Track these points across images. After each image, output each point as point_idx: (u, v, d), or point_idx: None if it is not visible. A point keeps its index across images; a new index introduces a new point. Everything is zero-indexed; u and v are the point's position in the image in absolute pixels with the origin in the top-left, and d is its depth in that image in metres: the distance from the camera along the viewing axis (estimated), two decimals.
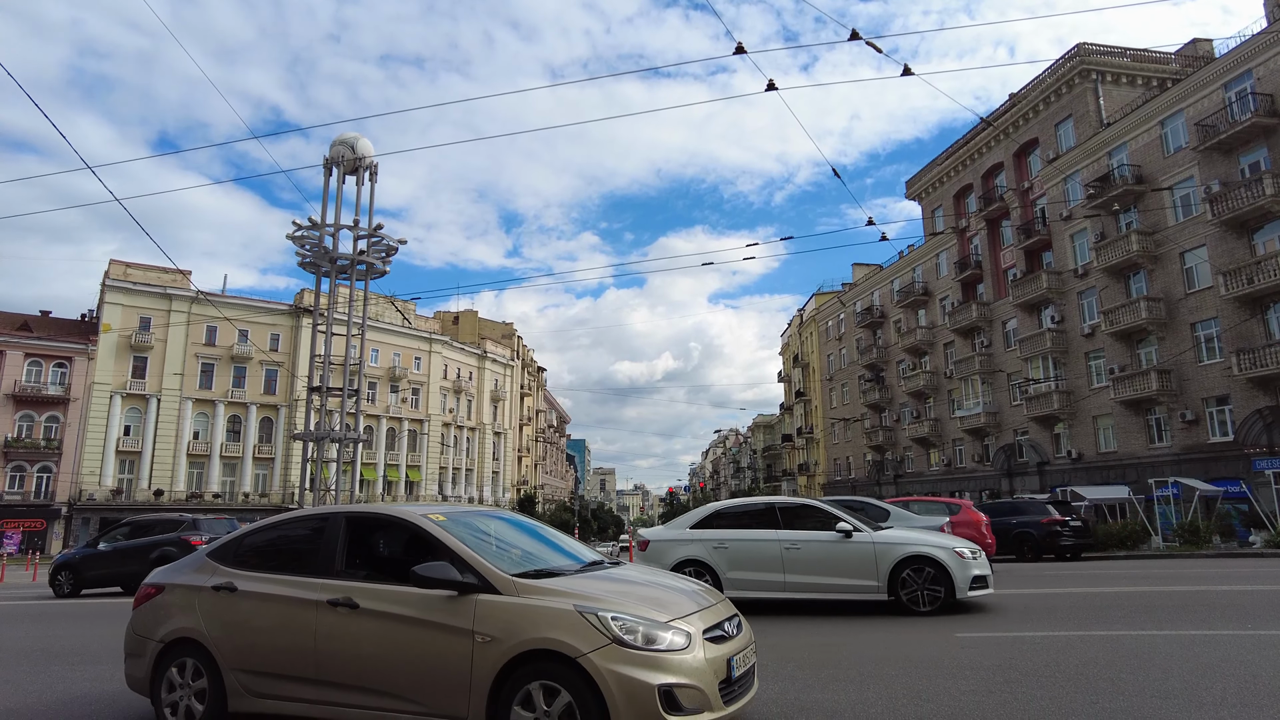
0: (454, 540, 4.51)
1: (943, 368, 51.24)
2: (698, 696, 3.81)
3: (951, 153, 51.38)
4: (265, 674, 4.69)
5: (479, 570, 4.28)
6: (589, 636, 3.84)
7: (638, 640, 3.85)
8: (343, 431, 37.86)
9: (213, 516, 20.57)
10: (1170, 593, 11.48)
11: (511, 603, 4.12)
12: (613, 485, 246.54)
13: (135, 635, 5.23)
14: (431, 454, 70.46)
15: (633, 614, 3.96)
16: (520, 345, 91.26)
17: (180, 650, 4.96)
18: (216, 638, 4.84)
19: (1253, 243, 30.18)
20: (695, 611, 4.22)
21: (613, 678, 3.73)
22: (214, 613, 4.92)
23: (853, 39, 11.56)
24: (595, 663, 3.77)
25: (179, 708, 4.87)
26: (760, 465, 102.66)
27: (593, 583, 4.39)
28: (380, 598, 4.45)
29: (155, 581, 5.40)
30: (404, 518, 4.90)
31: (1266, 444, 28.96)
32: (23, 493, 49.00)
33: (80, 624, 11.73)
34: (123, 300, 53.46)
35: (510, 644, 3.96)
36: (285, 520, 5.43)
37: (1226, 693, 5.18)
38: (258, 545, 5.24)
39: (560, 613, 3.97)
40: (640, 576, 4.91)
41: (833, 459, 68.56)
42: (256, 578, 4.94)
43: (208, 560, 5.22)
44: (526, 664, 3.94)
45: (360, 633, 4.42)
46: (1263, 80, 29.82)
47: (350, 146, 37.93)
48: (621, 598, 4.14)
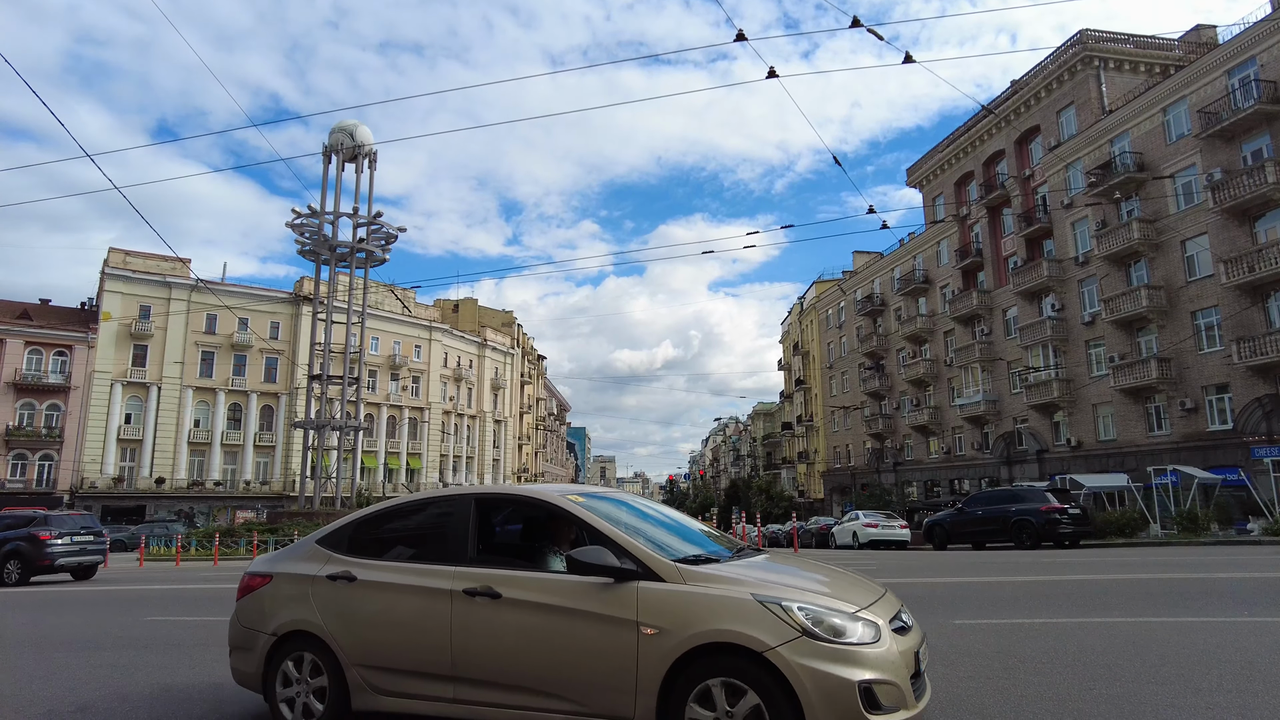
0: (604, 523, 4.13)
1: (943, 356, 51.25)
2: (895, 694, 3.46)
3: (953, 140, 51.16)
4: (392, 670, 4.35)
5: (637, 556, 3.91)
6: (775, 629, 3.48)
7: (828, 633, 3.49)
8: (343, 420, 37.94)
9: (68, 512, 20.65)
10: (1168, 580, 11.53)
11: (680, 591, 3.74)
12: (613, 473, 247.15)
13: (242, 627, 4.91)
14: (432, 442, 70.58)
15: (819, 604, 3.62)
16: (520, 333, 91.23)
17: (295, 644, 4.64)
18: (335, 631, 4.50)
19: (1254, 231, 30.12)
20: (875, 601, 3.91)
21: (807, 674, 3.37)
22: (331, 604, 4.59)
23: (854, 26, 11.49)
24: (786, 658, 3.41)
25: (296, 704, 4.56)
26: (760, 453, 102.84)
27: (757, 570, 4.02)
28: (524, 586, 4.08)
29: (261, 570, 5.07)
30: (543, 499, 4.54)
31: (1266, 432, 29.01)
32: (25, 481, 49.14)
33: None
34: (122, 289, 53.43)
35: (683, 636, 3.59)
36: (405, 504, 5.04)
37: (1223, 678, 5.21)
38: (375, 531, 4.89)
39: (739, 602, 3.61)
40: (796, 564, 4.53)
41: (832, 447, 68.67)
42: (377, 566, 4.60)
43: (318, 547, 4.91)
44: (701, 659, 3.57)
45: (503, 625, 4.06)
46: (1266, 67, 29.65)
47: (349, 134, 37.81)
48: (798, 586, 3.80)
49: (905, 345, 55.69)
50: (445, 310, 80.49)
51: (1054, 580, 12.13)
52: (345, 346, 39.43)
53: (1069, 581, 11.86)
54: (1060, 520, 22.08)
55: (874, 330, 60.17)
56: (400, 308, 63.36)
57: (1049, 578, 12.53)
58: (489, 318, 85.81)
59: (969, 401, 47.06)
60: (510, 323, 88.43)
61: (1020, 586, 11.21)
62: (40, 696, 5.77)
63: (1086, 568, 14.10)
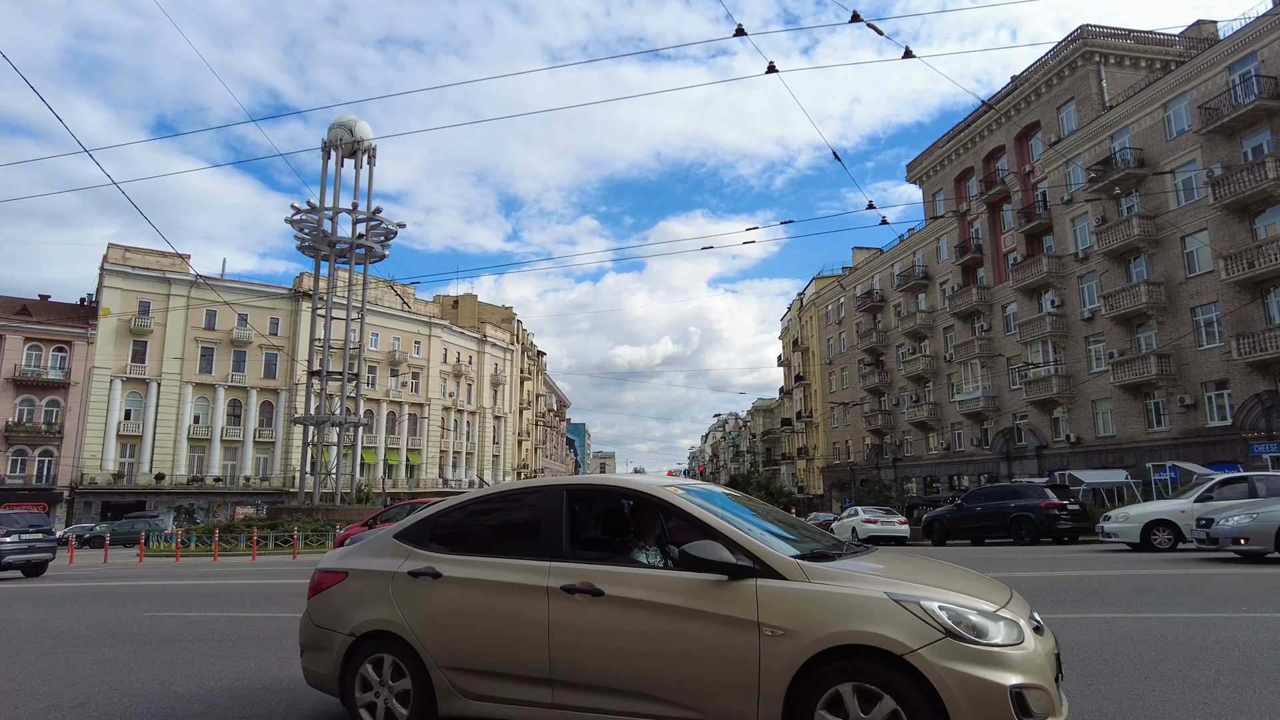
0: (714, 517, 3.88)
1: (942, 352, 51.27)
2: (1044, 699, 3.20)
3: (953, 136, 51.12)
4: (482, 672, 4.11)
5: (753, 552, 3.66)
6: (916, 629, 3.22)
7: (972, 633, 3.23)
8: (343, 416, 37.97)
9: (17, 511, 21.08)
10: (1166, 576, 11.55)
11: (805, 589, 3.49)
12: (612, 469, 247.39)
13: (315, 627, 4.66)
14: (432, 438, 70.64)
15: (960, 603, 3.35)
16: (520, 329, 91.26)
17: (375, 644, 4.40)
18: (419, 631, 4.25)
19: (1254, 227, 30.11)
20: (1010, 599, 3.61)
21: (953, 679, 3.11)
22: (414, 602, 4.34)
23: (854, 21, 11.46)
24: (929, 661, 3.15)
25: (377, 709, 4.30)
26: (759, 449, 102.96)
27: (882, 566, 3.76)
28: (629, 583, 3.83)
29: (334, 567, 4.80)
30: (643, 490, 4.25)
31: (1265, 428, 29.04)
32: (24, 477, 49.18)
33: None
34: (122, 285, 53.42)
35: (811, 638, 3.35)
36: (488, 496, 4.77)
37: (1220, 674, 5.22)
38: (457, 525, 4.66)
39: (874, 601, 3.35)
40: (913, 561, 4.25)
41: (832, 443, 68.73)
42: (463, 561, 4.36)
43: (396, 542, 4.65)
44: (829, 662, 3.33)
45: (607, 624, 3.80)
46: (1267, 63, 29.61)
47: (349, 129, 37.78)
48: (931, 583, 3.52)
49: (905, 341, 55.72)
50: (445, 306, 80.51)
51: (1052, 576, 12.15)
52: (345, 342, 39.42)
53: (1067, 577, 11.88)
54: (1059, 516, 22.09)
55: (874, 326, 60.20)
56: (400, 304, 63.35)
57: (1047, 574, 12.55)
58: (488, 314, 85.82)
59: (968, 398, 47.10)
60: (510, 319, 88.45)
61: (1019, 582, 11.22)
62: (41, 691, 5.78)
63: (1084, 564, 14.12)
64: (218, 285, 55.58)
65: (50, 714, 5.13)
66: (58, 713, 5.14)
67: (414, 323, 69.80)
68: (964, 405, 47.68)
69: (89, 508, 50.02)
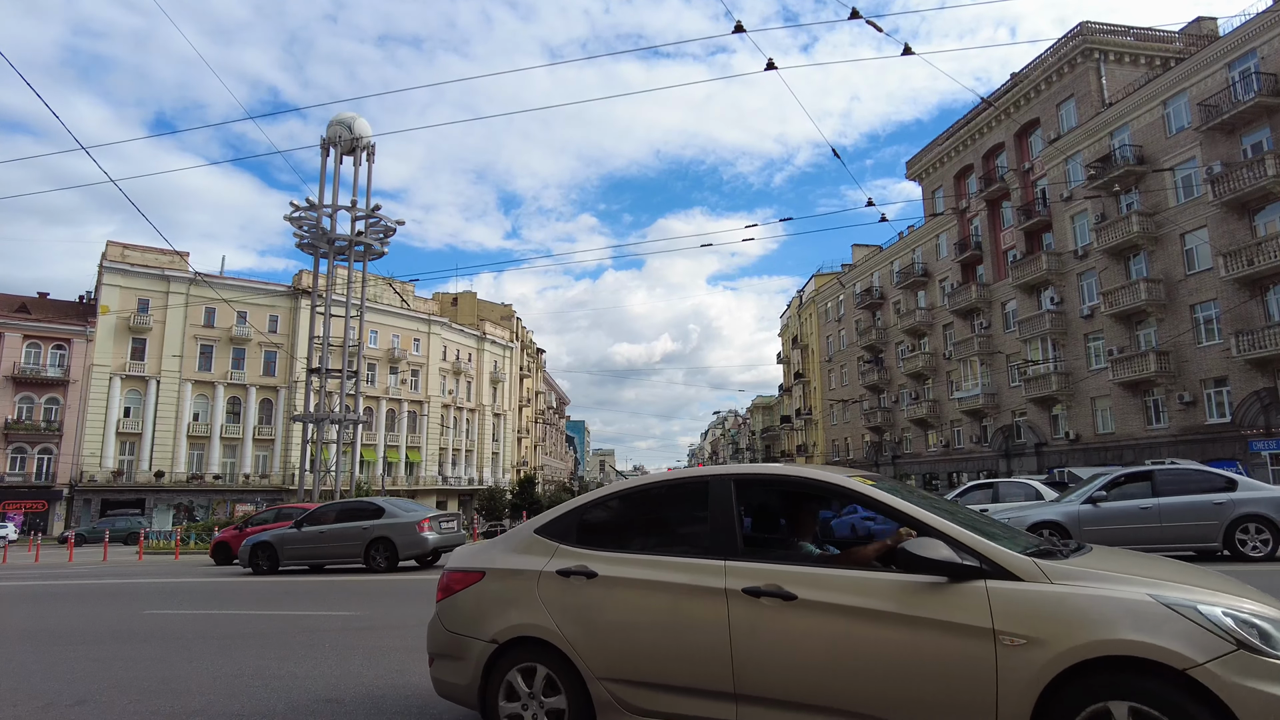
0: (923, 511, 3.43)
1: (942, 349, 51.29)
2: None
3: (952, 133, 51.08)
4: (651, 685, 3.64)
5: (977, 549, 3.21)
6: (1198, 639, 2.76)
7: (1264, 643, 2.76)
8: (342, 413, 37.98)
9: None
10: None
11: (1050, 592, 3.03)
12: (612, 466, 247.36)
13: (449, 633, 4.19)
14: (431, 435, 70.65)
15: (1239, 606, 2.88)
16: (519, 327, 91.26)
17: (520, 652, 3.95)
18: (574, 637, 3.80)
19: (1254, 224, 30.09)
20: (1268, 601, 3.13)
21: (1257, 702, 2.63)
22: (566, 605, 3.88)
23: (853, 18, 11.45)
24: (1222, 678, 2.67)
25: None
26: (759, 446, 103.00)
27: (1127, 566, 3.30)
28: (824, 585, 3.38)
29: (470, 566, 4.31)
30: (830, 481, 3.76)
31: (1264, 425, 29.06)
32: (24, 474, 49.16)
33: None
34: (121, 282, 53.34)
35: (1063, 648, 2.88)
36: (642, 486, 4.30)
37: None
38: (610, 518, 4.24)
39: (1138, 605, 2.88)
40: (1140, 555, 3.80)
41: (831, 440, 68.79)
42: (621, 559, 3.89)
43: (538, 538, 4.20)
44: (1082, 677, 2.87)
45: (803, 632, 3.36)
46: (1267, 60, 29.57)
47: (348, 126, 37.77)
48: (1194, 584, 3.05)
49: (904, 338, 55.73)
50: (444, 304, 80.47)
51: None
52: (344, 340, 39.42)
53: None
54: None
55: (873, 324, 60.21)
56: (399, 301, 63.35)
57: None
58: (488, 311, 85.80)
59: (968, 395, 47.12)
60: (509, 316, 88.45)
61: None
62: (39, 690, 5.78)
63: None
64: (217, 283, 55.52)
65: (49, 712, 5.13)
66: (57, 711, 5.14)
67: (413, 320, 69.77)
68: (963, 402, 47.70)
69: (89, 505, 50.03)
